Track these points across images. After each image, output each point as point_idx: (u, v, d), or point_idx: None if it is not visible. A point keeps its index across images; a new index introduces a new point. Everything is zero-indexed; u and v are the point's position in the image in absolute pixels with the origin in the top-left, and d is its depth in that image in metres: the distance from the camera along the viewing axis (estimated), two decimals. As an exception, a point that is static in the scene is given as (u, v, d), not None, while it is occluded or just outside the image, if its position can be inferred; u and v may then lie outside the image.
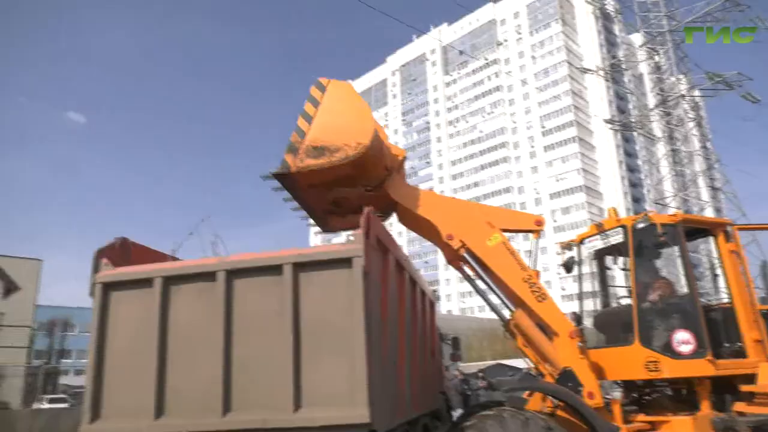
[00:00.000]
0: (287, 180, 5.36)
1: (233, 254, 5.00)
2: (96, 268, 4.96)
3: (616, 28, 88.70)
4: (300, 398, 4.31)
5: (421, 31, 70.39)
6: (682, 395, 6.25)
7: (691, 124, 45.00)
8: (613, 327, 6.67)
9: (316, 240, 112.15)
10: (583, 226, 77.10)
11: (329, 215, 6.46)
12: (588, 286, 7.38)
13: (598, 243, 6.92)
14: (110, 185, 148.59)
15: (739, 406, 5.79)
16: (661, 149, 47.14)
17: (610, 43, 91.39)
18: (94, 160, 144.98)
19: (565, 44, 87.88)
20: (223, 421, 4.36)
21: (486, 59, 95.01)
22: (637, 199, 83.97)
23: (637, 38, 58.85)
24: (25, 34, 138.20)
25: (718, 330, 6.16)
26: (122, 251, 5.28)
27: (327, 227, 6.69)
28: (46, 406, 22.57)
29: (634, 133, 70.55)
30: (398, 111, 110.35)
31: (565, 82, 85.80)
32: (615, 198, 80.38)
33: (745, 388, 5.81)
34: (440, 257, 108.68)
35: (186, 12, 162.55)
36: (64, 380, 51.75)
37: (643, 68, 67.80)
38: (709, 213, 52.46)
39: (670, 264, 7.25)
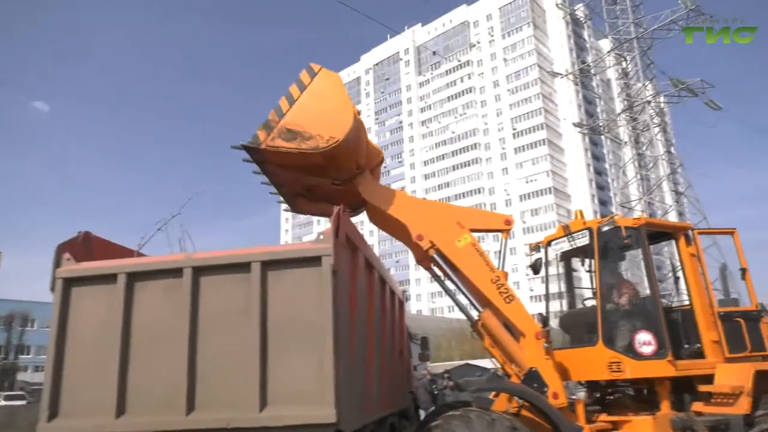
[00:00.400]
0: (256, 154, 5.31)
1: (201, 251, 4.93)
2: (57, 263, 4.82)
3: (586, 34, 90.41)
4: (266, 397, 4.27)
5: (395, 31, 70.76)
6: (642, 395, 6.37)
7: (656, 129, 46.19)
8: (578, 328, 6.76)
9: (287, 238, 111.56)
10: (551, 227, 78.33)
11: (298, 197, 6.40)
12: (555, 287, 7.48)
13: (564, 245, 7.00)
14: (78, 177, 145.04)
15: (698, 406, 5.92)
16: (628, 153, 48.30)
17: (579, 47, 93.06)
18: (60, 150, 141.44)
19: (536, 48, 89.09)
20: (187, 420, 4.29)
21: (459, 61, 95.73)
22: (603, 202, 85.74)
23: (605, 44, 60.06)
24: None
25: (678, 331, 6.29)
26: (85, 246, 5.14)
27: (295, 208, 6.65)
28: (2, 403, 21.89)
29: (602, 137, 72.14)
30: (371, 110, 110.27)
31: (535, 85, 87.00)
32: (582, 200, 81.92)
33: (703, 388, 5.94)
34: (411, 257, 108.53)
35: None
36: (22, 377, 50.33)
37: (611, 73, 69.34)
38: (672, 216, 53.86)
39: (633, 266, 7.41)
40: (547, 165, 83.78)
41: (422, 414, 16.06)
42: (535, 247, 7.40)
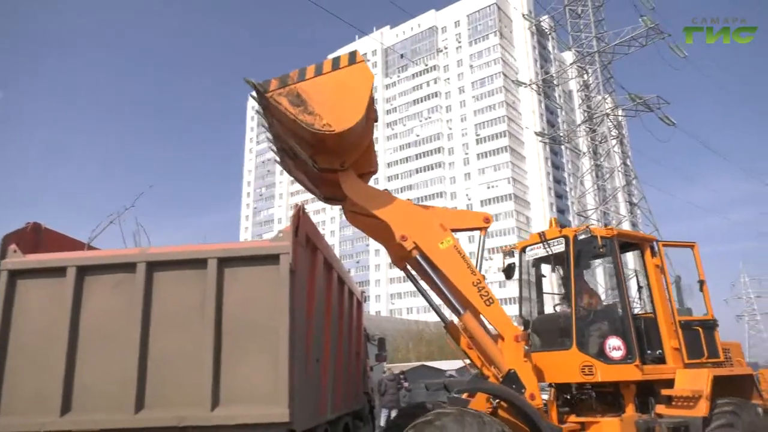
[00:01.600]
0: (261, 98, 5.19)
1: (156, 246, 4.83)
2: (3, 254, 4.64)
3: (550, 45, 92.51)
4: (219, 396, 4.23)
5: (363, 32, 70.51)
6: (607, 398, 6.56)
7: (614, 142, 47.52)
8: (551, 332, 6.89)
9: (247, 236, 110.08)
10: (511, 233, 79.87)
11: (285, 154, 6.21)
12: (525, 292, 7.61)
13: (539, 251, 7.16)
14: (30, 165, 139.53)
15: (660, 409, 6.23)
16: (586, 164, 49.58)
17: (543, 58, 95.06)
18: (12, 137, 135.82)
19: (502, 56, 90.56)
20: (136, 418, 4.21)
21: (426, 65, 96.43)
22: (561, 210, 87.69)
23: (568, 56, 61.54)
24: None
25: (641, 338, 6.55)
26: (33, 237, 4.97)
27: (283, 165, 6.47)
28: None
29: (562, 147, 73.86)
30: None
31: (500, 93, 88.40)
32: (541, 208, 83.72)
33: (666, 392, 6.23)
34: (372, 258, 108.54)
35: None
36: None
37: (573, 85, 70.98)
38: (625, 227, 55.49)
39: (589, 275, 7.63)
40: (508, 172, 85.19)
41: (384, 412, 16.20)
42: (509, 252, 7.51)
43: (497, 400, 5.97)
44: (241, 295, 4.42)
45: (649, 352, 6.54)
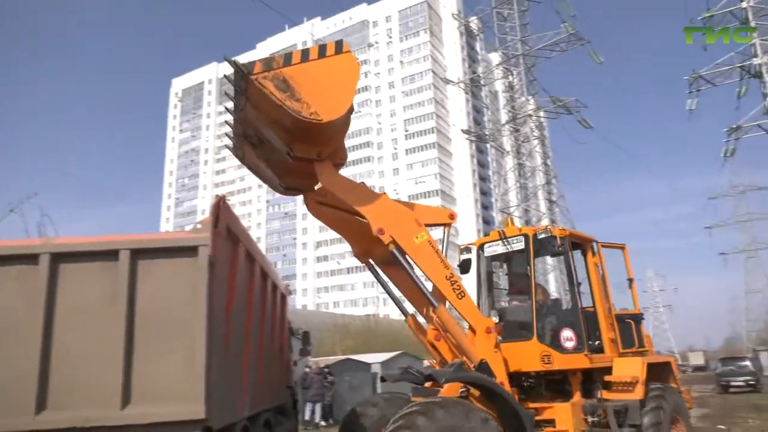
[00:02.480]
0: (240, 80, 4.94)
1: (64, 236, 4.53)
2: None
3: (478, 46, 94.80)
4: (130, 394, 4.03)
5: (293, 22, 69.33)
6: (555, 385, 6.98)
7: (536, 142, 49.54)
8: (511, 324, 7.15)
9: (168, 227, 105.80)
10: (437, 228, 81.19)
11: (248, 142, 5.94)
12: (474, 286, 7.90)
13: (497, 248, 7.53)
14: None
15: (603, 394, 6.89)
16: (509, 162, 51.41)
17: (471, 58, 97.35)
18: None
19: (432, 54, 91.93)
20: (36, 420, 3.92)
21: (356, 58, 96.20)
22: (486, 207, 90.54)
23: (495, 57, 63.28)
24: None
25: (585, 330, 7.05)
26: None
27: (237, 151, 6.21)
28: None
29: (488, 145, 76.02)
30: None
31: (429, 90, 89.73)
32: (467, 204, 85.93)
33: (609, 378, 6.89)
34: (299, 252, 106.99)
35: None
36: None
37: (499, 86, 73.25)
38: (545, 224, 58.06)
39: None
40: (435, 168, 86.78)
41: (309, 406, 16.09)
42: (466, 249, 7.83)
43: (465, 389, 6.11)
44: (156, 288, 4.22)
45: (590, 342, 7.01)
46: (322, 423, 17.24)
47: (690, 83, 37.41)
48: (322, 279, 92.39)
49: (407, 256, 5.94)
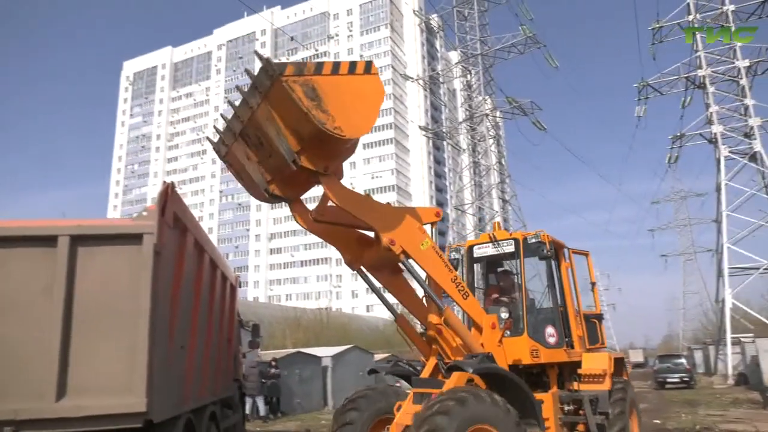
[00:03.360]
0: (265, 78, 4.81)
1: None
2: None
3: (438, 44, 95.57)
4: (66, 386, 3.86)
5: (253, 9, 67.86)
6: (533, 377, 7.38)
7: (491, 141, 50.35)
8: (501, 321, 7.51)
9: (115, 215, 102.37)
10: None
11: (239, 139, 5.69)
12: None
13: (487, 250, 8.07)
14: None
15: (575, 385, 7.52)
16: (465, 160, 52.02)
17: (431, 56, 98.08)
18: None
19: (392, 50, 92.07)
20: None
21: (316, 50, 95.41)
22: (440, 203, 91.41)
23: (454, 56, 63.94)
24: None
25: None
26: None
27: (217, 145, 6.02)
28: None
29: (444, 142, 76.83)
30: (221, 87, 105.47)
31: (388, 85, 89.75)
32: (422, 200, 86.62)
33: (582, 371, 7.53)
34: (252, 243, 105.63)
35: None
36: None
37: (457, 84, 74.04)
38: (498, 221, 59.05)
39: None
40: (392, 164, 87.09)
41: (250, 401, 15.82)
42: (455, 249, 8.32)
43: (470, 381, 6.27)
44: (98, 277, 4.06)
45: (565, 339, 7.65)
46: (270, 416, 17.07)
47: (639, 90, 38.85)
48: (275, 271, 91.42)
49: (418, 263, 6.14)
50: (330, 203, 5.94)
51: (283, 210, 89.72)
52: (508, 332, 6.80)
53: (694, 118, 38.11)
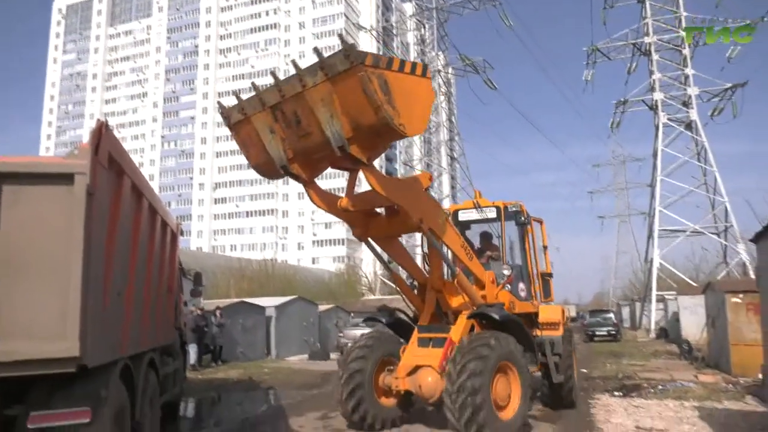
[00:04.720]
0: (342, 63, 4.91)
1: None
2: None
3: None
4: None
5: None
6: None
7: (442, 97, 50.33)
8: None
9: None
10: (341, 185, 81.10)
11: (264, 111, 5.76)
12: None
13: (470, 215, 9.06)
14: None
15: (537, 332, 8.65)
16: (415, 115, 51.92)
17: (386, 6, 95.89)
18: None
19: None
20: None
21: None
22: (389, 159, 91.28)
23: (409, 8, 62.75)
24: None
25: None
26: None
27: (233, 111, 6.08)
28: None
29: (395, 97, 76.01)
30: (163, 26, 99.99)
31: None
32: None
33: (542, 319, 8.75)
34: (195, 192, 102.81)
35: None
36: None
37: (411, 38, 73.00)
38: (445, 179, 59.80)
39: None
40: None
41: (189, 350, 15.68)
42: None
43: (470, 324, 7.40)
44: (25, 218, 3.83)
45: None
46: (201, 365, 16.96)
47: (588, 54, 39.51)
48: (220, 221, 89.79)
49: (437, 235, 6.86)
50: (356, 191, 6.71)
51: (228, 159, 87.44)
52: (509, 286, 7.96)
53: (638, 85, 39.29)
